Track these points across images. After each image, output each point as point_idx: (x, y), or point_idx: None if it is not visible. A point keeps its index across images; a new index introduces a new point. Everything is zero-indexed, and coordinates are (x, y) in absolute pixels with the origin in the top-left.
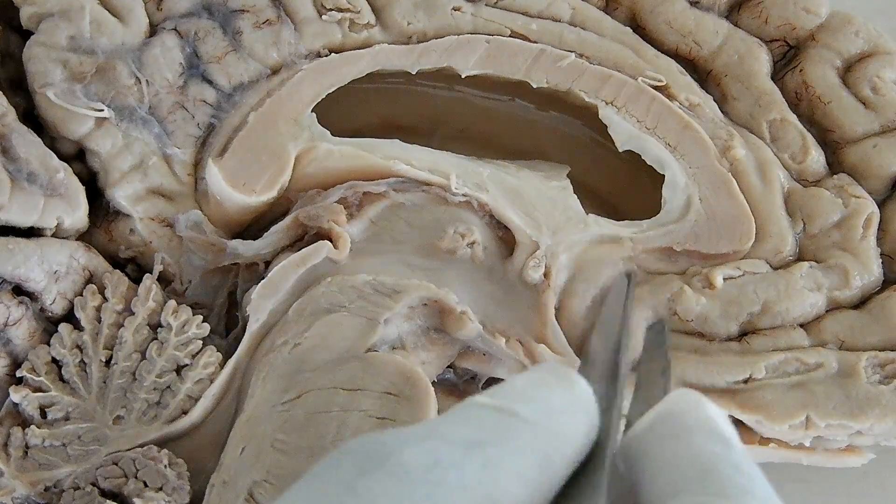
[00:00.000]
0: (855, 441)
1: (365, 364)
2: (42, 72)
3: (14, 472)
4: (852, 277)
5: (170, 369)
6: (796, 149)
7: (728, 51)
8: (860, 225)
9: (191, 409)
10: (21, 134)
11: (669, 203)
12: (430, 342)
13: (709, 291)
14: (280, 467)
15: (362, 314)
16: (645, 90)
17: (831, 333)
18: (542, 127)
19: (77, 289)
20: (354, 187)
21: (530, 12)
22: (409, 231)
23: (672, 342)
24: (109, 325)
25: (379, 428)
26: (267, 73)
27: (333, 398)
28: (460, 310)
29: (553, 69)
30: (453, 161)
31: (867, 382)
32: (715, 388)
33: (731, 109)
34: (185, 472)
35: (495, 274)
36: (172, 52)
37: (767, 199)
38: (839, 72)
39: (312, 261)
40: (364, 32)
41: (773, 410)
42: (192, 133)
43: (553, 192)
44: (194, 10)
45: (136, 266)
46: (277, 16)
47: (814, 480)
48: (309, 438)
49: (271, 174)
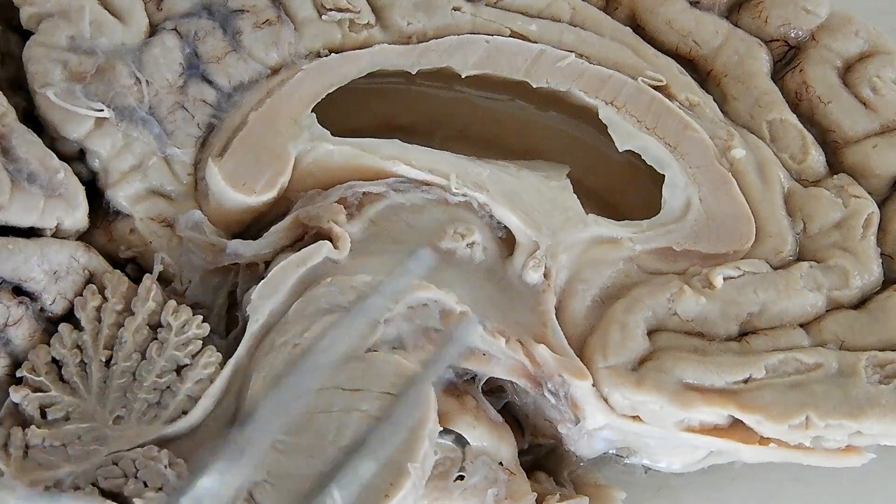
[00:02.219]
0: (854, 441)
1: (365, 364)
2: (42, 72)
3: (14, 472)
4: (852, 277)
5: (170, 369)
6: (796, 149)
7: (728, 51)
8: (860, 225)
9: (191, 410)
10: (21, 134)
11: (669, 203)
12: (430, 342)
13: (709, 291)
14: (280, 467)
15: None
16: (645, 90)
17: (831, 333)
18: (541, 127)
19: (77, 289)
20: (354, 187)
21: (530, 12)
22: (409, 231)
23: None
24: (109, 325)
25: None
26: (267, 73)
27: (333, 398)
28: (460, 310)
29: (553, 69)
30: (453, 161)
31: (867, 382)
32: (714, 387)
33: (731, 109)
34: (185, 472)
35: (495, 274)
36: (172, 53)
37: (767, 199)
38: (839, 72)
39: (312, 261)
40: (364, 32)
41: (772, 410)
42: (191, 133)
43: (553, 192)
44: (194, 10)
45: (136, 266)
46: (277, 16)
47: (814, 480)
48: (309, 438)
49: (271, 174)
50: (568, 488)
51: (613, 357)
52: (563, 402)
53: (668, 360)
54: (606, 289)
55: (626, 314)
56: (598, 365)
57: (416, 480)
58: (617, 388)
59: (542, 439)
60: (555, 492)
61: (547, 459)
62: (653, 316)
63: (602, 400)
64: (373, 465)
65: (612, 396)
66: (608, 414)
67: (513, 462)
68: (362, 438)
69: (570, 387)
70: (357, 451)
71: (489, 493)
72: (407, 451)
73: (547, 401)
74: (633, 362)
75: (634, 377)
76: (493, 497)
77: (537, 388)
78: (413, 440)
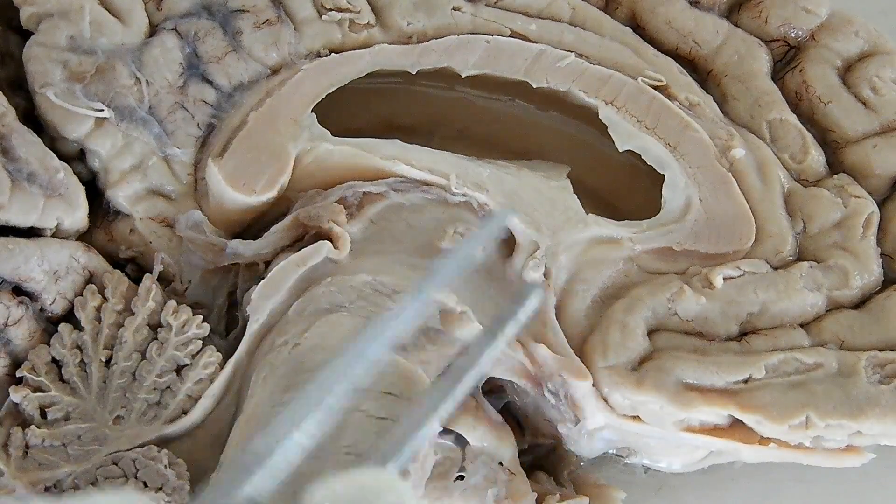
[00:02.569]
0: (855, 441)
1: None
2: (42, 72)
3: (14, 472)
4: (852, 277)
5: (170, 369)
6: (796, 149)
7: (728, 51)
8: (860, 225)
9: (191, 410)
10: (21, 134)
11: (669, 203)
12: (431, 342)
13: (708, 291)
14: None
15: (362, 314)
16: (645, 90)
17: (831, 333)
18: (541, 127)
19: (77, 289)
20: (354, 187)
21: (530, 12)
22: (409, 231)
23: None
24: (109, 325)
25: (378, 428)
26: (267, 73)
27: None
28: (460, 310)
29: (553, 69)
30: (453, 161)
31: (867, 382)
32: (714, 388)
33: (731, 109)
34: (185, 472)
35: (495, 274)
36: (172, 53)
37: (767, 198)
38: (839, 72)
39: (312, 261)
40: (364, 32)
41: (772, 410)
42: (191, 133)
43: (553, 192)
44: (194, 10)
45: (136, 266)
46: (277, 16)
47: (814, 480)
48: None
49: (271, 174)
50: (568, 488)
51: (613, 357)
52: (562, 402)
53: (668, 360)
54: (606, 289)
55: (626, 314)
56: (598, 365)
57: (416, 480)
58: (617, 388)
59: (542, 439)
60: (555, 492)
61: (547, 459)
62: (653, 316)
63: (602, 400)
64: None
65: (612, 396)
66: (608, 414)
67: (513, 462)
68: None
69: (570, 387)
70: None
71: (489, 492)
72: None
73: (547, 401)
74: (632, 362)
75: (634, 377)
76: (493, 497)
77: (537, 388)
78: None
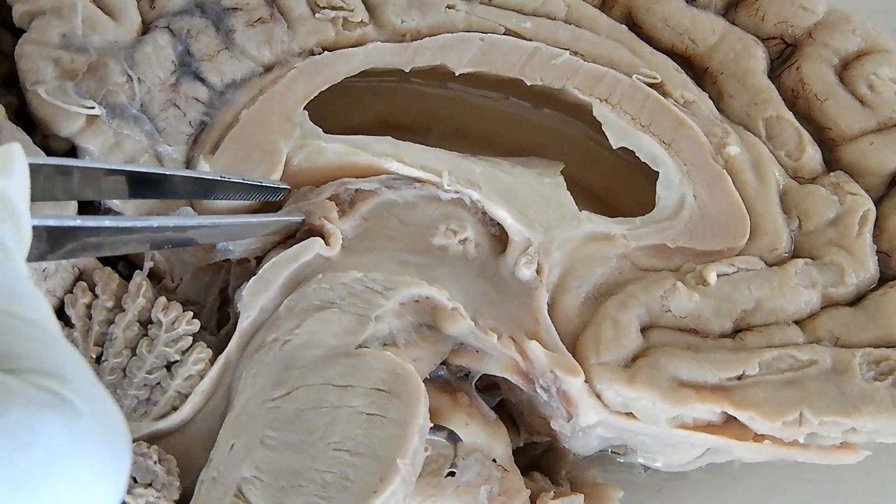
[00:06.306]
0: (849, 438)
1: (355, 360)
2: (34, 69)
3: None
4: (848, 274)
5: (160, 366)
6: (792, 146)
7: (724, 48)
8: (856, 222)
9: (181, 406)
10: (11, 132)
11: (663, 200)
12: (422, 339)
13: (702, 288)
14: (269, 463)
15: (353, 311)
16: (639, 87)
17: (826, 330)
18: (536, 124)
19: (67, 286)
20: (346, 184)
21: (525, 10)
22: (402, 228)
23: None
24: (100, 322)
25: (369, 424)
26: (259, 70)
27: (323, 395)
28: (452, 306)
29: (547, 67)
30: (446, 158)
31: (861, 379)
32: (708, 384)
33: (727, 107)
34: (174, 468)
35: (487, 271)
36: (165, 50)
37: (763, 196)
38: (836, 69)
39: (304, 257)
40: (358, 30)
41: (766, 407)
42: (183, 131)
43: (546, 188)
44: (187, 8)
45: (126, 263)
46: (270, 14)
47: (814, 480)
48: (299, 435)
49: (262, 171)
50: (564, 486)
51: (606, 353)
52: (555, 398)
53: (661, 356)
54: (599, 285)
55: (620, 311)
56: (591, 361)
57: (406, 476)
58: (610, 384)
59: (537, 437)
60: (549, 489)
61: (544, 458)
62: (646, 312)
63: (595, 397)
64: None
65: (604, 393)
66: (601, 410)
67: (507, 459)
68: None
69: (563, 383)
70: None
71: (482, 489)
72: (396, 447)
73: (540, 397)
74: (625, 359)
75: (627, 374)
76: (486, 494)
77: (530, 384)
78: (403, 436)
